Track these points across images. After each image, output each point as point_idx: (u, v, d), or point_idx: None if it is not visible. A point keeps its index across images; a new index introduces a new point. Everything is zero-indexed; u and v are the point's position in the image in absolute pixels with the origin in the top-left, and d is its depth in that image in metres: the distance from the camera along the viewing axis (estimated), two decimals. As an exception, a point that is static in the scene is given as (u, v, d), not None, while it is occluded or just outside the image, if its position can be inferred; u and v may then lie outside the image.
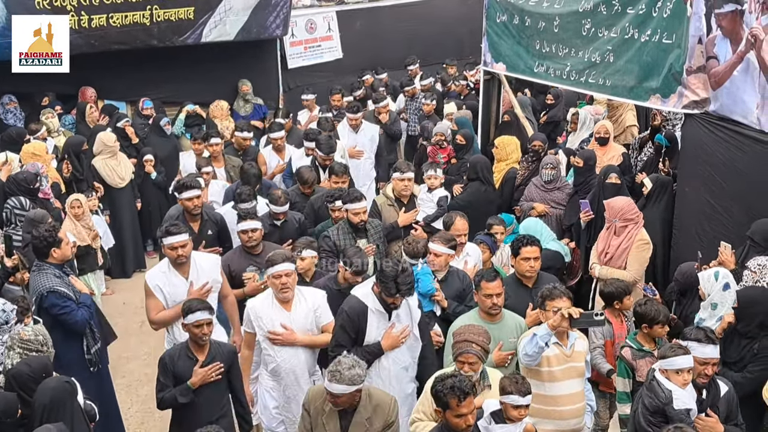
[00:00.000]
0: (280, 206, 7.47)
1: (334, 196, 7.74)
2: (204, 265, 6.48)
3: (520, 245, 6.18)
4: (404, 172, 8.07)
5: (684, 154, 7.59)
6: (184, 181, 7.53)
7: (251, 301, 6.06)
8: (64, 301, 6.08)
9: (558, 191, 8.52)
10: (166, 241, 6.26)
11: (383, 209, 8.12)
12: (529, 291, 6.17)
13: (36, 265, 6.28)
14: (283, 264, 5.85)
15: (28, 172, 8.55)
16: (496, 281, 5.65)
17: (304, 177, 8.36)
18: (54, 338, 5.76)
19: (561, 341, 5.37)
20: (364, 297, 5.67)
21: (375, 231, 7.50)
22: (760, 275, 5.75)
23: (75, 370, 5.94)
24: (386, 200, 8.18)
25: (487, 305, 5.67)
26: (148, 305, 6.37)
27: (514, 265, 6.33)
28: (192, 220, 7.46)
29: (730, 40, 6.48)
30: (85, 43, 10.60)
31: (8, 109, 10.88)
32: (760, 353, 5.45)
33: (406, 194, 8.15)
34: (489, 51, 10.22)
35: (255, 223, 6.86)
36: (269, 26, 12.38)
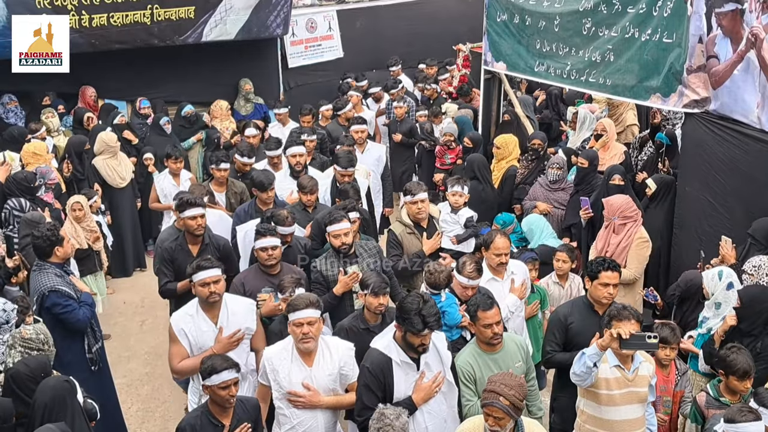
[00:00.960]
0: (287, 227, 6.78)
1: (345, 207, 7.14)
2: (236, 310, 5.77)
3: (600, 269, 5.59)
4: (416, 194, 7.15)
5: (684, 154, 7.59)
6: (187, 197, 6.81)
7: (268, 350, 5.34)
8: (65, 300, 6.09)
9: (562, 192, 8.55)
10: (196, 277, 5.60)
11: (404, 239, 7.24)
12: (598, 318, 5.51)
13: (37, 265, 6.29)
14: (306, 310, 5.11)
15: (28, 172, 8.57)
16: (494, 309, 5.23)
17: (304, 183, 7.65)
18: (55, 337, 5.79)
19: (624, 364, 4.97)
20: (386, 348, 5.05)
21: (369, 254, 6.66)
22: (757, 276, 5.76)
23: (76, 369, 5.97)
24: (404, 228, 7.29)
25: (487, 336, 5.25)
26: (171, 351, 5.69)
27: (589, 289, 5.74)
28: (193, 242, 6.83)
29: (730, 39, 6.48)
30: (86, 43, 10.59)
31: (9, 109, 10.88)
32: (762, 352, 5.46)
33: (422, 218, 7.27)
34: (489, 50, 10.22)
35: (275, 240, 6.31)
36: (270, 25, 12.37)
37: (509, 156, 9.38)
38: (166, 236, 7.14)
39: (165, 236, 7.16)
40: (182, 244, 6.80)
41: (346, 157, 8.21)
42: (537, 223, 7.71)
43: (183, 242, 6.81)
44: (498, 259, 6.36)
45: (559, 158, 8.75)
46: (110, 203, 9.96)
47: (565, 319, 5.71)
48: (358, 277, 6.22)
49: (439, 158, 10.46)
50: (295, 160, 8.47)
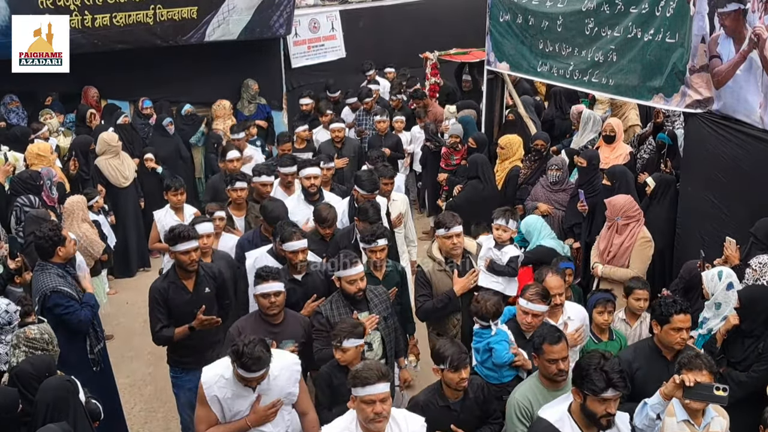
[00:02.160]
0: (296, 241, 6.14)
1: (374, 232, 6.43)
2: (279, 372, 4.91)
3: (672, 311, 5.02)
4: (450, 227, 6.30)
5: (687, 153, 7.58)
6: (179, 229, 6.05)
7: (325, 429, 4.57)
8: (67, 301, 6.10)
9: (563, 193, 8.54)
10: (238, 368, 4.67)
11: (433, 277, 6.38)
12: (667, 364, 5.06)
13: (39, 265, 6.29)
14: (379, 385, 4.30)
15: (32, 170, 8.61)
16: (561, 343, 4.78)
17: (323, 215, 6.94)
18: (57, 338, 5.77)
19: (694, 419, 4.52)
20: (558, 422, 4.39)
21: (379, 300, 5.98)
22: (760, 273, 5.75)
23: (78, 369, 5.95)
24: (435, 265, 6.47)
25: (551, 372, 4.80)
26: (199, 415, 4.96)
27: (657, 333, 5.17)
28: (186, 276, 6.14)
29: (733, 40, 6.47)
30: (88, 43, 10.61)
31: (10, 109, 10.91)
32: (764, 352, 5.41)
33: (457, 254, 6.42)
34: (492, 50, 10.22)
35: (278, 285, 5.55)
36: (273, 26, 12.40)
37: (513, 156, 9.39)
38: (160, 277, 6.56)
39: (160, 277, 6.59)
40: (174, 281, 6.12)
41: (370, 179, 7.53)
42: (534, 225, 7.68)
43: (175, 278, 6.13)
44: (551, 300, 5.70)
45: (558, 160, 8.74)
46: (113, 203, 9.97)
47: (630, 366, 5.11)
48: (373, 324, 5.71)
49: (445, 159, 10.45)
50: (309, 182, 7.73)
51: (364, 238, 6.44)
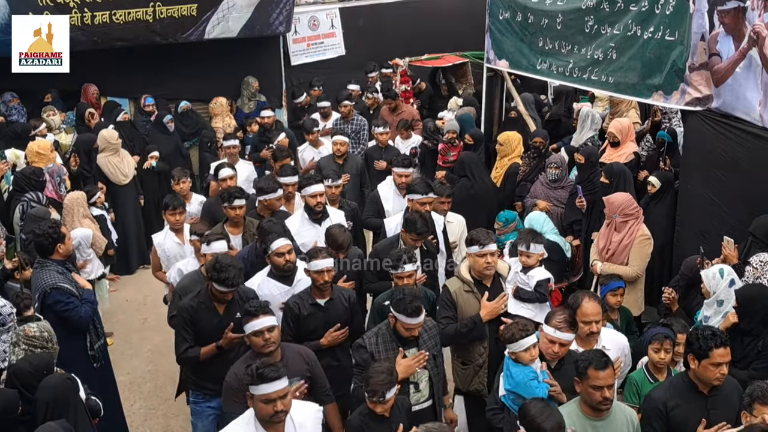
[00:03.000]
0: (323, 260, 5.70)
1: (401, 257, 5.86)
2: (304, 421, 4.67)
3: (711, 345, 4.64)
4: (485, 245, 5.75)
5: (686, 151, 7.59)
6: (223, 262, 5.53)
7: None
8: (67, 298, 6.10)
9: (562, 190, 8.55)
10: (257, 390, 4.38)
11: (459, 298, 5.82)
12: (705, 399, 4.77)
13: (38, 262, 6.30)
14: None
15: (35, 167, 8.63)
16: (608, 369, 4.47)
17: (338, 240, 6.45)
18: (57, 335, 5.76)
19: None
20: None
21: (429, 335, 5.40)
22: (761, 271, 5.76)
23: (78, 366, 5.95)
24: (462, 285, 5.87)
25: (595, 399, 4.48)
26: None
27: (694, 368, 4.77)
28: (218, 300, 5.74)
29: (732, 37, 6.47)
30: (88, 40, 10.61)
31: (11, 106, 10.91)
32: (764, 350, 5.44)
33: (489, 274, 5.89)
34: (492, 48, 10.21)
35: (270, 320, 5.01)
36: (272, 23, 12.40)
37: (512, 153, 9.38)
38: (187, 283, 6.25)
39: (186, 283, 6.26)
40: (205, 302, 5.72)
41: (422, 182, 7.13)
42: (537, 220, 7.70)
43: (206, 299, 5.72)
44: (587, 328, 5.23)
45: (557, 158, 8.75)
46: (113, 201, 9.98)
47: (665, 405, 4.80)
48: (423, 360, 5.27)
49: (442, 156, 10.44)
50: (315, 200, 7.18)
51: (389, 262, 5.97)
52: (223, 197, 7.30)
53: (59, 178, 9.00)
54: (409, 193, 7.11)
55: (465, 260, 6.04)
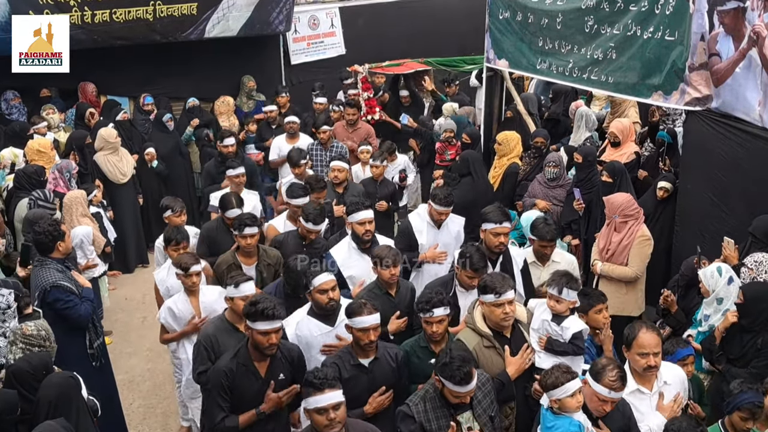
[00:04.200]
0: (368, 316, 4.96)
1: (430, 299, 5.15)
2: None
3: None
4: (502, 292, 5.03)
5: (686, 151, 7.59)
6: (263, 305, 4.84)
7: None
8: (67, 296, 6.11)
9: (560, 189, 8.55)
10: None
11: (479, 355, 5.12)
12: None
13: (38, 260, 6.30)
14: None
15: (36, 165, 8.64)
16: None
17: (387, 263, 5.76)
18: (56, 333, 5.76)
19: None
20: None
21: (483, 393, 4.76)
22: (756, 272, 5.77)
23: (77, 364, 5.94)
24: (480, 340, 5.18)
25: None
26: None
27: None
28: (259, 358, 4.99)
29: (732, 38, 6.47)
30: (88, 39, 10.63)
31: (12, 105, 10.92)
32: (763, 348, 5.44)
33: (507, 325, 5.19)
34: (492, 47, 10.21)
35: (337, 395, 4.31)
36: (272, 22, 12.40)
37: (511, 153, 9.38)
38: (212, 331, 5.52)
39: (211, 331, 5.52)
40: (245, 363, 4.97)
41: (497, 210, 6.27)
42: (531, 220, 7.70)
43: (246, 359, 4.97)
44: (644, 361, 4.75)
45: (555, 156, 8.75)
46: (112, 199, 9.97)
47: None
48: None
49: (440, 155, 10.44)
50: (364, 228, 6.49)
51: (418, 305, 5.22)
52: (234, 225, 6.73)
53: (68, 174, 9.05)
54: (483, 222, 6.21)
55: (477, 308, 5.31)
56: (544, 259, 6.70)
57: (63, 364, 5.59)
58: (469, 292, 5.73)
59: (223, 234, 7.36)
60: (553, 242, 6.53)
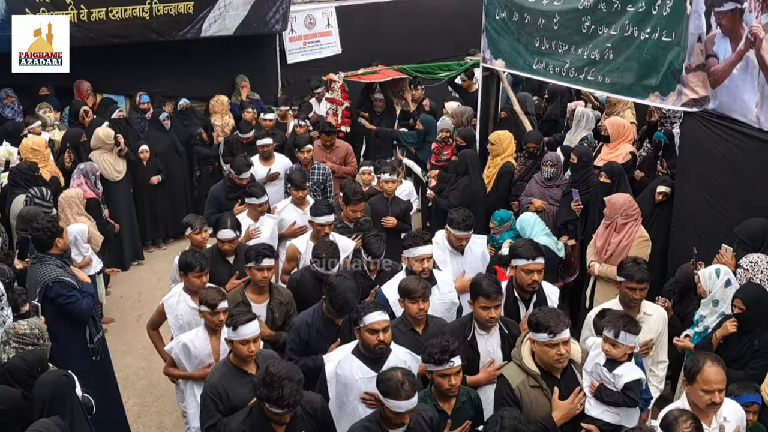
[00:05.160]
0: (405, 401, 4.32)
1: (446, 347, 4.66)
2: None
3: None
4: (556, 332, 4.62)
5: (683, 153, 7.59)
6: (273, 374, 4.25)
7: None
8: (69, 291, 6.13)
9: (557, 188, 8.56)
10: None
11: (524, 395, 4.72)
12: None
13: (36, 257, 6.31)
14: None
15: (30, 162, 8.64)
16: None
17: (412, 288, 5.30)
18: (57, 328, 5.86)
19: None
20: None
21: None
22: (752, 272, 5.78)
23: (78, 359, 6.08)
24: (526, 378, 4.74)
25: None
26: None
27: None
28: (276, 418, 4.39)
29: (729, 39, 6.48)
30: (84, 37, 10.60)
31: (6, 104, 10.87)
32: (760, 349, 5.43)
33: (561, 366, 4.77)
34: (488, 47, 10.21)
35: None
36: (269, 21, 12.42)
37: (504, 152, 9.39)
38: (216, 380, 4.93)
39: (215, 381, 4.93)
40: (261, 424, 4.44)
41: (528, 244, 5.85)
42: (527, 221, 7.70)
43: (260, 419, 4.44)
44: (708, 397, 4.43)
45: (553, 156, 8.76)
46: (107, 197, 9.93)
47: None
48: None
49: (436, 155, 10.43)
50: (422, 265, 5.91)
51: (432, 355, 4.62)
52: (249, 256, 5.99)
53: (93, 177, 9.15)
54: (513, 258, 5.76)
55: (525, 342, 4.86)
56: (634, 308, 5.68)
57: (64, 359, 5.66)
58: (490, 334, 5.27)
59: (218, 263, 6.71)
60: (645, 284, 5.60)
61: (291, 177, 8.25)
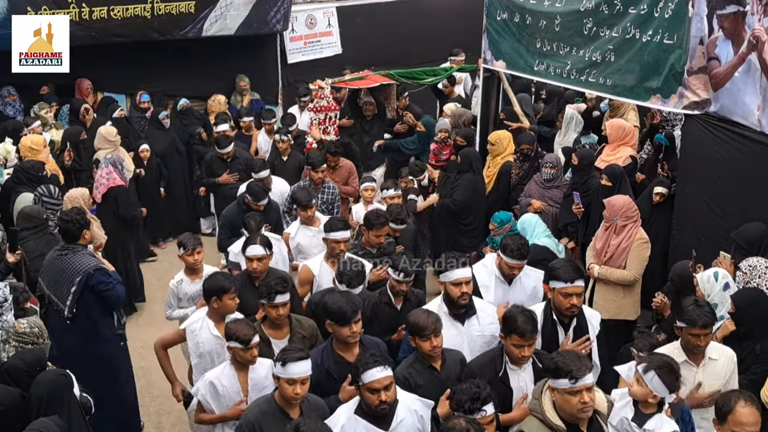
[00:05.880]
0: None
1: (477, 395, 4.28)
2: None
3: None
4: (578, 377, 4.17)
5: (684, 155, 7.58)
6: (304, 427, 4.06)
7: None
8: (108, 278, 6.39)
9: (557, 189, 8.56)
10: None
11: None
12: None
13: (66, 248, 6.46)
14: None
15: (35, 161, 8.66)
16: None
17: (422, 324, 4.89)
18: (95, 315, 6.36)
19: None
20: None
21: None
22: (750, 276, 5.77)
23: (112, 344, 6.59)
24: None
25: None
26: None
27: None
28: None
29: (731, 42, 6.47)
30: (86, 35, 10.62)
31: (7, 102, 10.88)
32: (762, 354, 5.42)
33: (585, 417, 4.29)
34: (489, 48, 10.21)
35: None
36: (270, 21, 12.42)
37: (504, 152, 9.41)
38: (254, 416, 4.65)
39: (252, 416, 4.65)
40: None
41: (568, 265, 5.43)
42: (529, 223, 7.70)
43: None
44: None
45: (553, 157, 8.76)
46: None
47: None
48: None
49: (435, 155, 10.42)
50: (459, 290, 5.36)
51: (461, 403, 4.25)
52: (261, 292, 5.58)
53: (121, 166, 9.29)
54: (551, 279, 5.35)
55: (546, 392, 4.40)
56: (698, 354, 5.11)
57: (101, 343, 6.40)
58: (523, 369, 4.86)
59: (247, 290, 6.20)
60: (709, 329, 4.99)
61: (296, 197, 7.68)
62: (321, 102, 11.11)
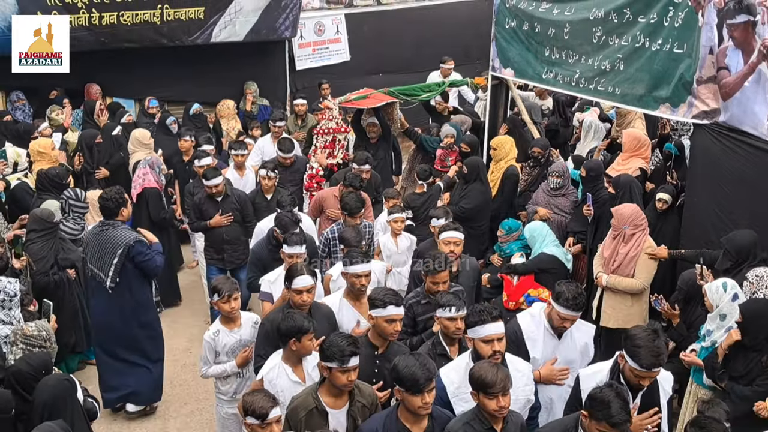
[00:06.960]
0: None
1: None
2: None
3: None
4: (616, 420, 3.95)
5: (693, 164, 7.56)
6: None
7: None
8: (147, 249, 6.79)
9: (563, 198, 8.52)
10: None
11: None
12: None
13: (106, 224, 6.84)
14: None
15: (60, 168, 8.68)
16: None
17: None
18: (136, 286, 6.81)
19: None
20: None
21: None
22: (757, 286, 5.75)
23: (152, 312, 7.15)
24: None
25: None
26: None
27: None
28: None
29: (741, 51, 6.46)
30: (95, 41, 10.67)
31: (17, 106, 10.92)
32: (768, 366, 5.42)
33: None
34: (497, 56, 10.21)
35: None
36: (278, 28, 12.44)
37: (507, 156, 9.39)
38: None
39: None
40: None
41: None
42: (539, 231, 7.69)
43: None
44: None
45: (559, 166, 8.71)
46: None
47: None
48: None
49: (441, 161, 10.38)
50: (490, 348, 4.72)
51: None
52: (329, 354, 4.55)
53: (158, 169, 9.39)
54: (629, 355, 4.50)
55: None
56: None
57: (143, 310, 6.93)
58: None
59: None
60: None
61: (344, 237, 6.86)
62: (330, 123, 10.41)
